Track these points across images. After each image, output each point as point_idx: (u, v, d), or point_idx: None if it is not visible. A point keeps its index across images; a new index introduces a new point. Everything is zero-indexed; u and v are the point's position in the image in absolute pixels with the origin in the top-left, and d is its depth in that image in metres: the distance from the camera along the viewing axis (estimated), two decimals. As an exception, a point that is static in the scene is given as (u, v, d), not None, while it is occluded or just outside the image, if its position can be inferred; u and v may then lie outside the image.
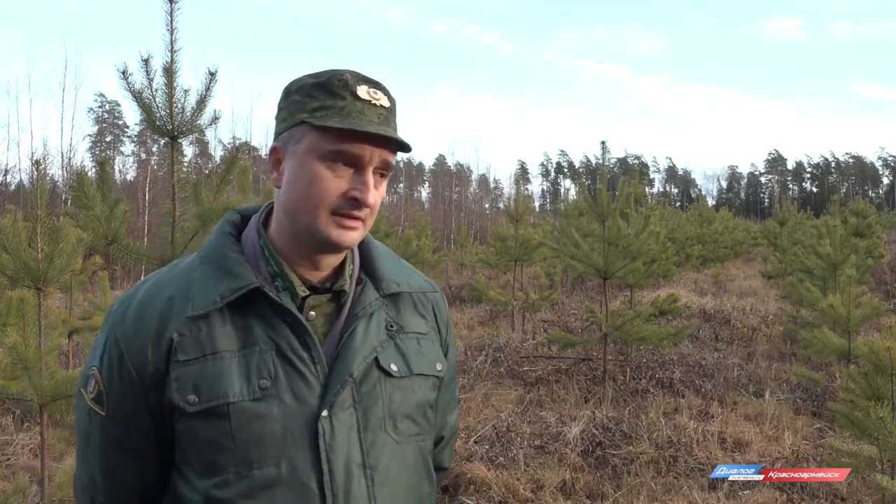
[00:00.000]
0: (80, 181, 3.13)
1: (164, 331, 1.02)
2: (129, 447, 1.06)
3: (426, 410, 1.16)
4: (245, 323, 1.04)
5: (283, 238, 1.09)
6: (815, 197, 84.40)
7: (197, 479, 1.02)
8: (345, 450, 1.04)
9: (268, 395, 1.01)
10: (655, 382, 7.07)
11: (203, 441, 1.01)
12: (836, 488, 4.47)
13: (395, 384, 1.11)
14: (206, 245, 1.11)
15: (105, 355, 1.06)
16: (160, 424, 1.04)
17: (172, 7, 2.96)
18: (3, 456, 5.21)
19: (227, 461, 1.00)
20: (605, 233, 7.23)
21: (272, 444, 1.01)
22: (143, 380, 1.03)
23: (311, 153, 1.04)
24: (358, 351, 1.08)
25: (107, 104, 51.54)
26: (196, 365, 1.01)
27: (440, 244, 26.93)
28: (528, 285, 13.01)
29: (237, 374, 1.01)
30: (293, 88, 1.08)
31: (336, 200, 1.04)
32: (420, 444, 1.15)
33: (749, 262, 22.97)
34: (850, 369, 4.74)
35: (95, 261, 6.72)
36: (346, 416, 1.05)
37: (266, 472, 1.00)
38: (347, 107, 1.04)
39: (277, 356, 1.03)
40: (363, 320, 1.10)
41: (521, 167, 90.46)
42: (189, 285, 1.05)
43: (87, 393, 1.07)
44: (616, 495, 4.48)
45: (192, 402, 1.00)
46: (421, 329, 1.19)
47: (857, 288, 6.71)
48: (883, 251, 14.92)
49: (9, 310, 3.14)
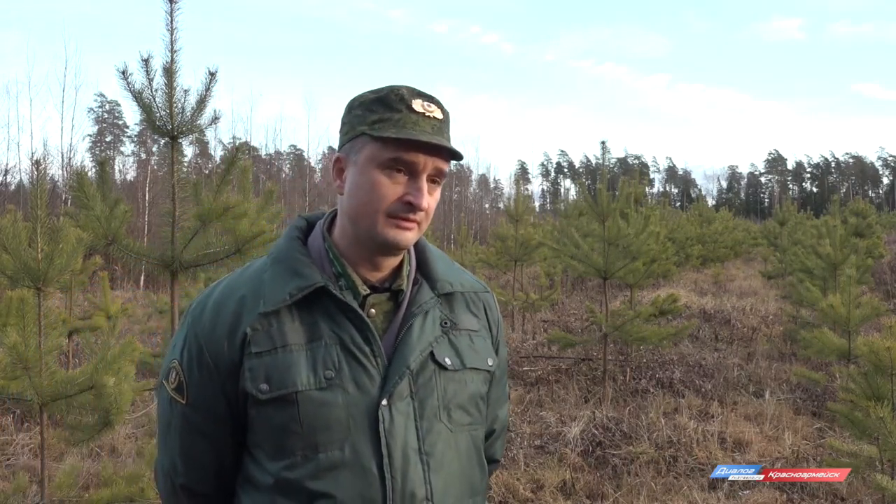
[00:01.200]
0: (80, 181, 3.13)
1: (239, 326, 1.13)
2: (207, 432, 1.16)
3: (478, 402, 1.25)
4: (312, 319, 1.14)
5: (346, 241, 1.19)
6: (815, 197, 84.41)
7: (268, 462, 1.12)
8: (403, 436, 1.12)
9: (333, 384, 1.11)
10: (655, 382, 7.07)
11: (274, 426, 1.11)
12: (836, 488, 4.47)
13: (449, 377, 1.20)
14: (275, 248, 1.21)
15: (185, 349, 1.16)
16: (235, 411, 1.14)
17: (172, 7, 2.96)
18: (3, 456, 5.21)
19: (296, 445, 1.10)
20: (605, 233, 7.23)
21: (337, 429, 1.10)
22: (220, 370, 1.13)
23: (371, 162, 1.13)
24: (415, 345, 1.16)
25: (107, 104, 51.52)
26: (268, 356, 1.11)
27: (440, 244, 26.94)
28: (528, 285, 13.02)
29: (305, 365, 1.11)
30: (355, 104, 1.17)
31: (393, 204, 1.13)
32: (473, 434, 1.23)
33: (749, 262, 22.97)
34: (850, 369, 4.74)
35: (95, 261, 6.71)
36: (404, 406, 1.14)
37: (331, 456, 1.09)
38: (403, 119, 1.13)
39: (341, 349, 1.13)
40: (419, 317, 1.19)
41: (521, 167, 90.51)
42: (260, 285, 1.15)
43: (169, 384, 1.18)
44: (616, 495, 4.48)
45: (264, 391, 1.10)
46: (473, 326, 1.28)
47: (857, 288, 6.71)
48: (883, 251, 14.91)
49: (9, 310, 3.14)
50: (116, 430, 4.53)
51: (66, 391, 3.11)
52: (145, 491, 3.18)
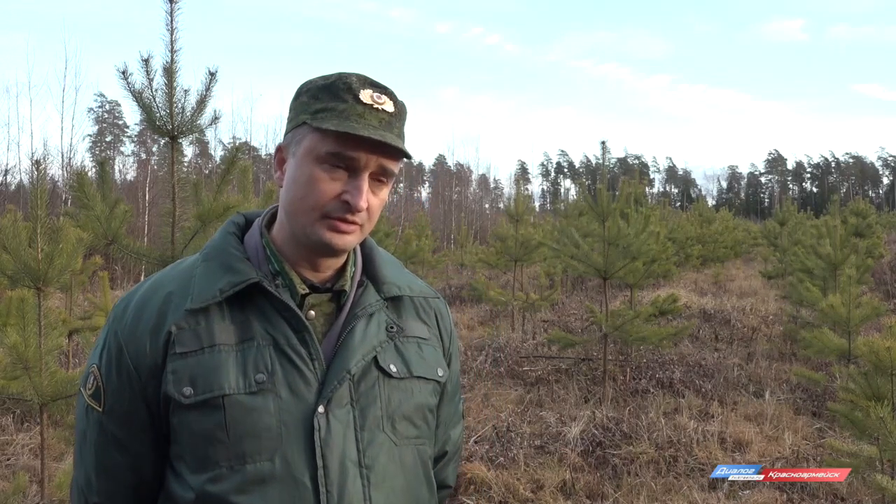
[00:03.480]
0: (80, 181, 3.13)
1: (163, 324, 1.03)
2: (126, 444, 1.06)
3: (426, 414, 1.16)
4: (244, 318, 1.05)
5: (284, 238, 1.11)
6: (815, 197, 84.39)
7: (190, 474, 1.02)
8: (340, 447, 1.03)
9: (263, 388, 1.01)
10: (655, 382, 7.07)
11: (197, 434, 1.01)
12: (836, 488, 4.47)
13: (394, 385, 1.11)
14: (208, 244, 1.13)
15: (104, 352, 1.07)
16: (157, 419, 1.05)
17: (172, 7, 2.96)
18: (3, 456, 5.21)
19: (221, 455, 1.00)
20: (605, 233, 7.23)
21: (267, 437, 1.01)
22: (140, 374, 1.03)
23: (309, 155, 1.05)
24: (356, 349, 1.08)
25: (107, 104, 51.52)
26: (193, 357, 1.02)
27: (440, 244, 26.94)
28: (528, 285, 13.01)
29: (234, 367, 1.02)
30: (303, 90, 1.09)
31: (330, 203, 1.04)
32: (419, 448, 1.14)
33: (749, 262, 22.96)
34: (850, 369, 4.74)
35: (95, 261, 6.72)
36: (343, 414, 1.04)
37: (260, 467, 1.00)
38: (348, 110, 1.04)
39: (275, 351, 1.04)
40: (363, 320, 1.11)
41: (522, 167, 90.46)
42: (189, 282, 1.07)
43: (86, 390, 1.09)
44: (616, 495, 4.48)
45: (188, 395, 1.01)
46: (422, 334, 1.19)
47: (857, 288, 6.72)
48: (883, 251, 14.92)
49: (9, 310, 3.14)
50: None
51: (66, 391, 3.11)
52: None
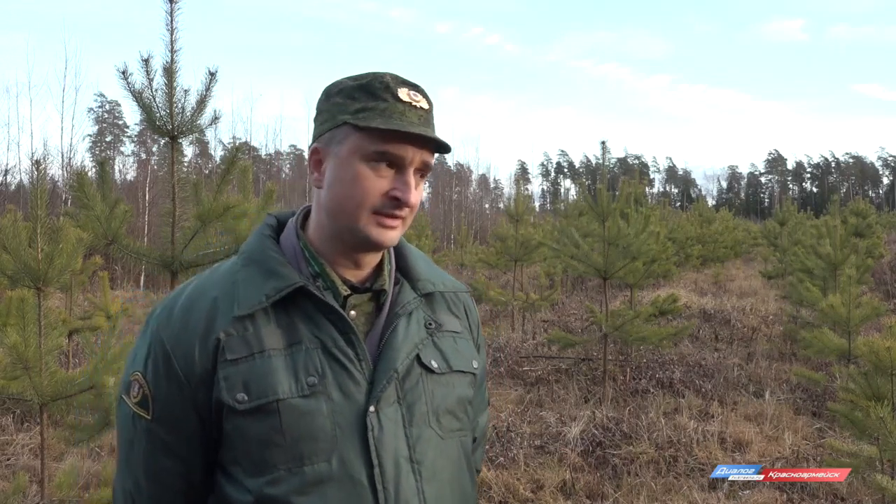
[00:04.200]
0: (80, 181, 3.13)
1: (211, 331, 1.04)
2: (176, 450, 1.06)
3: (466, 406, 1.19)
4: (289, 321, 1.06)
5: (323, 238, 1.11)
6: (815, 197, 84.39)
7: (247, 478, 1.03)
8: (393, 444, 1.05)
9: (316, 391, 1.03)
10: (655, 382, 7.07)
11: (253, 439, 1.02)
12: (836, 488, 4.47)
13: (436, 380, 1.13)
14: (246, 248, 1.13)
15: (149, 359, 1.06)
16: (207, 425, 1.05)
17: (172, 7, 2.96)
18: (3, 456, 5.21)
19: (279, 458, 1.01)
20: (605, 233, 7.23)
21: (322, 439, 1.02)
22: (190, 381, 1.04)
23: (355, 154, 1.06)
24: (401, 348, 1.10)
25: (107, 104, 51.52)
26: (244, 364, 1.03)
27: (440, 244, 26.94)
28: (528, 285, 13.02)
29: (285, 371, 1.03)
30: (333, 91, 1.10)
31: (378, 200, 1.06)
32: (462, 440, 1.17)
33: (749, 262, 22.97)
34: (850, 369, 4.74)
35: (95, 261, 6.71)
36: (392, 412, 1.07)
37: (317, 468, 1.02)
38: (389, 108, 1.05)
39: (323, 354, 1.05)
40: (404, 318, 1.13)
41: (521, 167, 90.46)
42: (233, 287, 1.07)
43: (131, 398, 1.08)
44: (616, 495, 4.48)
45: (242, 401, 1.01)
46: (456, 328, 1.22)
47: (857, 288, 6.72)
48: (883, 251, 14.92)
49: (9, 310, 3.14)
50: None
51: (66, 391, 3.12)
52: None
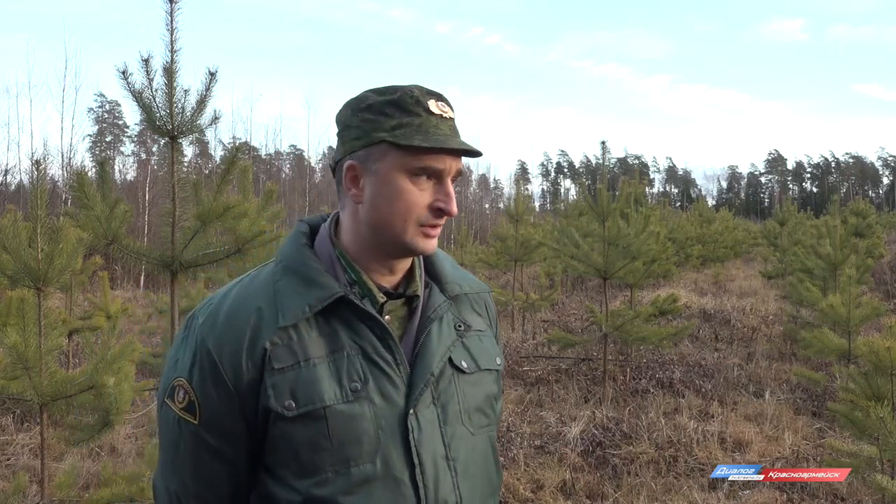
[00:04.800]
0: (80, 181, 3.13)
1: (257, 340, 1.07)
2: (223, 452, 1.10)
3: (493, 402, 1.24)
4: (331, 329, 1.10)
5: (360, 248, 1.15)
6: (815, 197, 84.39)
7: (295, 480, 1.07)
8: (431, 444, 1.10)
9: (359, 396, 1.08)
10: (655, 382, 7.07)
11: (301, 443, 1.06)
12: (836, 488, 4.47)
13: (466, 380, 1.18)
14: (283, 256, 1.16)
15: (195, 366, 1.10)
16: (253, 429, 1.09)
17: (172, 7, 2.96)
18: (3, 456, 5.21)
19: (326, 461, 1.06)
20: (605, 233, 7.23)
21: (367, 442, 1.07)
22: (238, 389, 1.07)
23: (397, 170, 1.09)
24: (435, 351, 1.15)
25: (107, 104, 51.50)
26: (291, 372, 1.07)
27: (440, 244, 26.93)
28: (528, 285, 13.02)
29: (329, 378, 1.07)
30: (361, 106, 1.12)
31: (424, 212, 1.11)
32: (490, 435, 1.22)
33: (749, 262, 22.97)
34: (850, 369, 4.74)
35: (95, 261, 6.71)
36: (429, 413, 1.12)
37: (363, 470, 1.06)
38: (424, 123, 1.09)
39: (364, 360, 1.10)
40: (436, 322, 1.18)
41: (522, 167, 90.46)
42: (275, 296, 1.10)
43: (176, 403, 1.11)
44: (616, 495, 4.48)
45: (291, 408, 1.06)
46: (480, 326, 1.27)
47: (857, 288, 6.72)
48: (883, 251, 14.92)
49: (9, 310, 3.14)
50: (116, 430, 4.53)
51: (66, 391, 3.12)
52: (145, 490, 3.18)
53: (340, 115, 1.16)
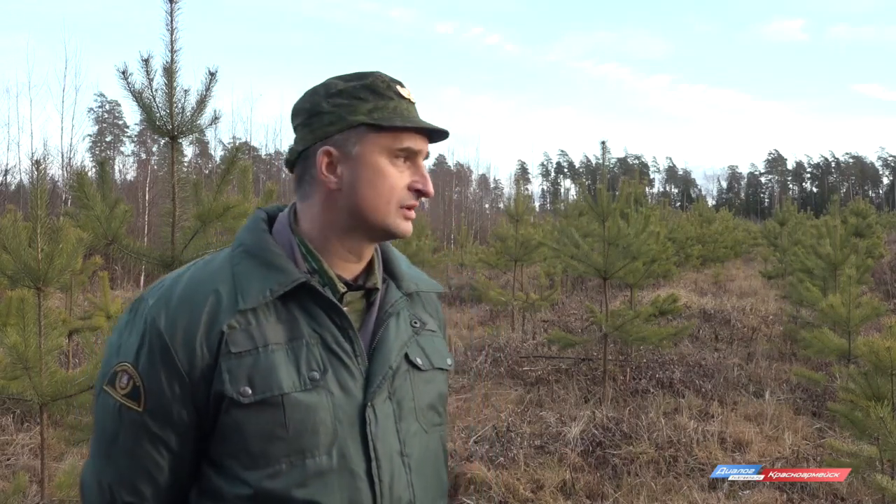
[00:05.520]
0: (80, 181, 3.13)
1: (214, 324, 1.04)
2: (167, 441, 1.06)
3: (444, 402, 1.25)
4: (290, 316, 1.08)
5: (327, 236, 1.14)
6: (815, 197, 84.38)
7: (245, 471, 1.04)
8: (387, 439, 1.10)
9: (318, 385, 1.05)
10: (655, 382, 7.07)
11: (255, 432, 1.03)
12: (836, 488, 4.47)
13: (420, 377, 1.18)
14: (243, 240, 1.14)
15: (143, 350, 1.05)
16: (202, 417, 1.05)
17: (172, 7, 2.96)
18: (3, 456, 5.21)
19: (281, 451, 1.03)
20: (605, 233, 7.23)
21: (324, 433, 1.05)
22: (190, 373, 1.04)
23: (378, 152, 1.10)
24: (393, 345, 1.14)
25: (107, 104, 51.51)
26: (248, 357, 1.04)
27: (440, 244, 26.93)
28: (528, 285, 13.01)
29: (288, 366, 1.05)
30: (331, 92, 1.12)
31: (403, 193, 1.12)
32: (441, 434, 1.22)
33: (749, 262, 22.96)
34: (850, 369, 4.74)
35: (95, 261, 6.72)
36: (386, 407, 1.11)
37: (318, 462, 1.04)
38: (398, 106, 1.11)
39: (324, 349, 1.08)
40: (394, 317, 1.17)
41: (521, 167, 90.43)
42: (233, 279, 1.08)
43: (118, 389, 1.06)
44: (616, 495, 4.48)
45: (246, 394, 1.02)
46: (433, 327, 1.27)
47: (857, 288, 6.72)
48: (883, 251, 14.92)
49: (9, 310, 3.14)
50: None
51: (66, 391, 3.11)
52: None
53: (305, 104, 1.14)
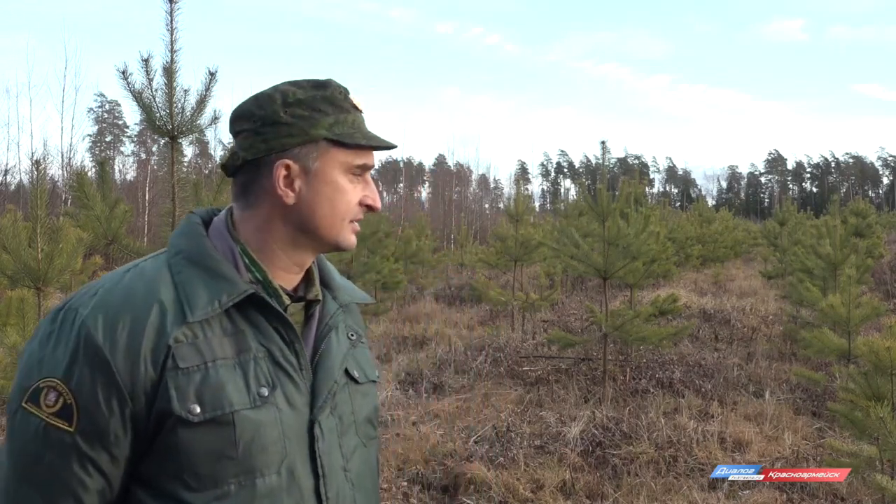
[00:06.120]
0: (80, 181, 3.14)
1: (161, 337, 0.97)
2: (99, 464, 0.97)
3: (377, 414, 1.23)
4: (236, 329, 1.02)
5: (270, 247, 1.09)
6: (815, 197, 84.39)
7: (189, 493, 0.97)
8: (333, 454, 1.07)
9: (266, 402, 1.01)
10: (655, 382, 7.07)
11: (203, 452, 0.97)
12: (836, 488, 4.47)
13: (357, 390, 1.16)
14: (181, 246, 1.06)
15: (76, 365, 0.96)
16: (142, 437, 0.98)
17: (172, 7, 2.96)
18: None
19: (230, 471, 0.98)
20: (605, 233, 7.23)
21: (274, 451, 1.00)
22: (132, 390, 0.96)
23: (338, 169, 1.08)
24: (336, 358, 1.12)
25: (107, 104, 51.55)
26: (197, 373, 0.98)
27: (440, 244, 26.94)
28: (528, 285, 13.01)
29: (237, 381, 1.00)
30: (288, 100, 1.06)
31: (355, 209, 1.10)
32: (376, 447, 1.21)
33: (749, 262, 22.96)
34: (850, 369, 4.75)
35: (95, 261, 6.71)
36: (330, 422, 1.08)
37: (268, 481, 1.00)
38: (355, 120, 1.09)
39: (271, 363, 1.03)
40: (334, 329, 1.15)
41: (521, 167, 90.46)
42: (176, 288, 1.01)
43: (44, 408, 0.95)
44: (616, 495, 4.48)
45: (196, 413, 0.96)
46: (362, 339, 1.25)
47: (857, 288, 6.72)
48: (883, 251, 14.94)
49: (9, 310, 3.15)
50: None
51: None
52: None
53: (257, 110, 1.07)
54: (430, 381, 7.24)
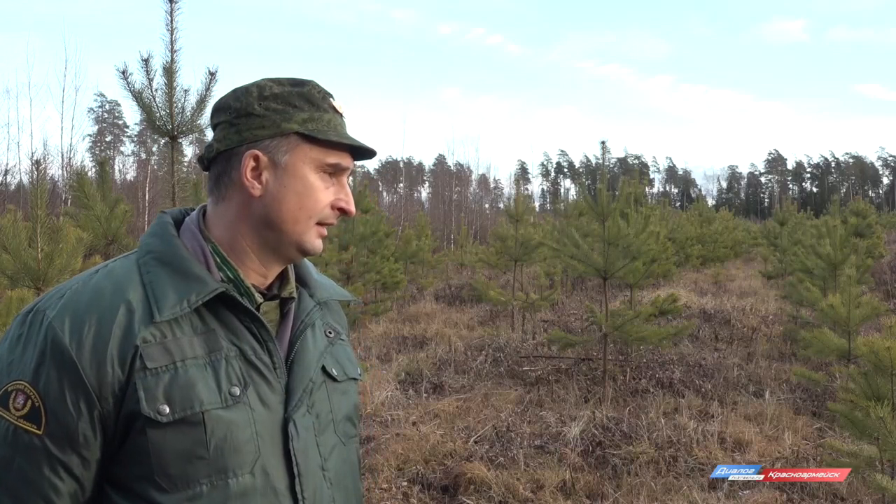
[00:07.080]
0: (81, 181, 3.14)
1: (127, 338, 0.96)
2: (70, 467, 0.96)
3: (358, 413, 1.21)
4: (207, 328, 1.02)
5: (240, 244, 1.08)
6: (815, 197, 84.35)
7: (160, 495, 0.96)
8: (309, 453, 1.06)
9: (239, 401, 1.00)
10: (655, 382, 7.07)
11: (173, 453, 0.96)
12: (836, 488, 4.47)
13: (336, 388, 1.15)
14: (151, 246, 1.05)
15: (44, 367, 0.94)
16: (110, 439, 0.97)
17: (172, 7, 2.96)
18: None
19: (202, 472, 0.97)
20: (605, 233, 7.23)
21: (247, 451, 0.99)
22: (100, 391, 0.95)
23: (308, 165, 1.06)
24: (312, 357, 1.11)
25: (107, 104, 51.59)
26: (165, 374, 0.96)
27: (440, 244, 26.93)
28: (528, 285, 13.01)
29: (208, 381, 0.98)
30: (265, 94, 1.07)
31: (326, 211, 1.08)
32: (356, 445, 1.20)
33: (749, 262, 22.97)
34: (850, 369, 4.74)
35: (95, 261, 6.69)
36: (306, 421, 1.07)
37: (242, 481, 0.99)
38: (332, 120, 1.08)
39: (244, 363, 1.02)
40: (310, 327, 1.14)
41: (522, 167, 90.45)
42: (145, 288, 1.00)
43: (13, 411, 0.95)
44: (616, 495, 4.48)
45: (165, 413, 0.95)
46: (343, 336, 1.24)
47: (857, 288, 6.71)
48: (883, 251, 14.93)
49: (9, 310, 3.14)
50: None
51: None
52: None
53: (233, 102, 1.08)
54: (430, 381, 7.24)
